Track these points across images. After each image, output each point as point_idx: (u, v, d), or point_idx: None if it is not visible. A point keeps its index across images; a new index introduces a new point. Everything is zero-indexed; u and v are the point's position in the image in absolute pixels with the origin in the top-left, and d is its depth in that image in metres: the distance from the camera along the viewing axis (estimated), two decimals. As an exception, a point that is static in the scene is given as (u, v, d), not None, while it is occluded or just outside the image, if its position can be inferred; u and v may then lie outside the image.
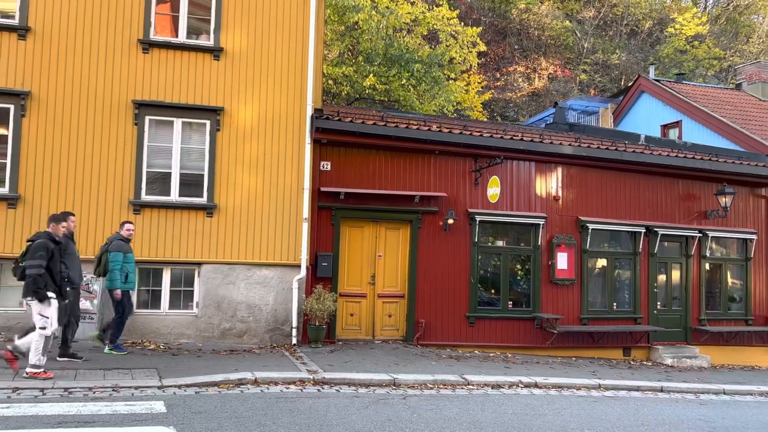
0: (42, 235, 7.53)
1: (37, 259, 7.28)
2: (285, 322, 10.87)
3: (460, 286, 12.18)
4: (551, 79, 30.65)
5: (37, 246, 7.35)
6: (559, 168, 13.14)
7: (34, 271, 7.26)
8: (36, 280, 7.26)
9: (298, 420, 6.38)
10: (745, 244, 14.51)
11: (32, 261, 7.28)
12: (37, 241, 7.41)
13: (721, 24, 35.51)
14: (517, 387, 9.06)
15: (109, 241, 9.20)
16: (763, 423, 8.22)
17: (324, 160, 11.46)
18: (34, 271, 7.26)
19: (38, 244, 7.37)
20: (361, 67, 19.66)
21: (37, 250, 7.33)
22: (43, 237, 7.49)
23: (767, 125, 18.32)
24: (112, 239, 9.22)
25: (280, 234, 10.93)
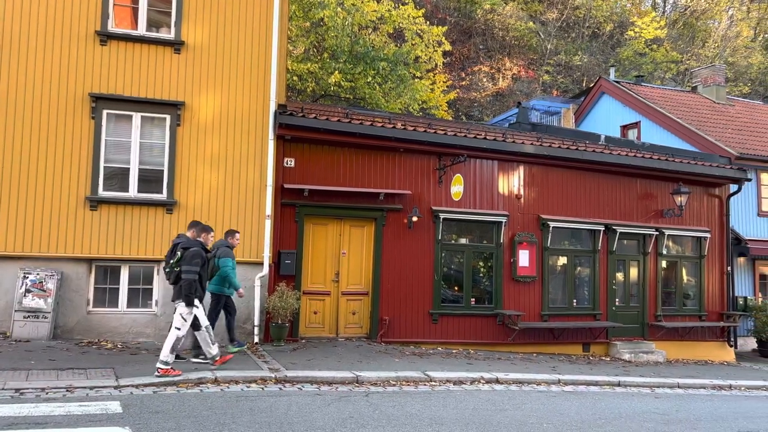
0: (196, 244, 8.04)
1: (193, 266, 7.79)
2: (247, 321, 10.74)
3: (423, 283, 12.24)
4: (515, 80, 31.05)
5: (195, 254, 7.85)
6: (522, 167, 13.32)
7: (190, 276, 7.76)
8: (190, 285, 7.76)
9: (258, 419, 6.31)
10: (699, 242, 14.96)
11: (189, 267, 7.78)
12: (193, 249, 7.90)
13: (678, 28, 36.51)
14: (479, 383, 9.14)
15: (215, 248, 9.07)
16: (714, 415, 8.49)
17: (288, 156, 11.37)
18: (190, 277, 7.76)
19: (195, 252, 7.88)
20: (327, 64, 19.57)
21: (194, 258, 7.83)
22: (197, 246, 8.00)
23: (721, 127, 18.93)
24: (218, 245, 9.16)
25: (242, 231, 10.76)
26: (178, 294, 7.86)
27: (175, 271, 7.88)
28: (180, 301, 7.80)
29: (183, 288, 7.76)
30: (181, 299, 7.79)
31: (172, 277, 7.94)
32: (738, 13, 38.00)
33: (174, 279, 7.91)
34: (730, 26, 36.78)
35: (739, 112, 21.11)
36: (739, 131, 19.01)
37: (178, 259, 7.88)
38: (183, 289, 7.75)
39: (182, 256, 7.87)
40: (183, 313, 7.81)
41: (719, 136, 17.79)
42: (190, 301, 7.77)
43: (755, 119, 20.74)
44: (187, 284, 7.74)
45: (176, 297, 7.91)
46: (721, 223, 15.25)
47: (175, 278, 7.89)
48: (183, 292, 7.75)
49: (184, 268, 7.79)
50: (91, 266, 10.25)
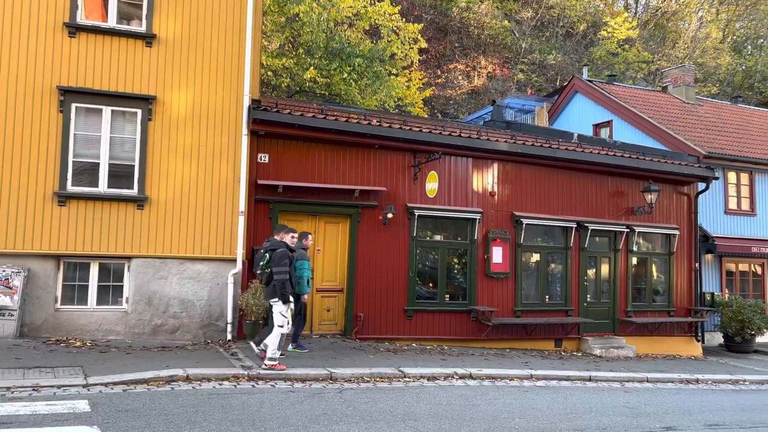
0: (281, 245, 8.53)
1: (283, 266, 8.29)
2: (220, 318, 10.64)
3: (398, 280, 12.25)
4: (490, 78, 31.26)
5: (282, 255, 8.35)
6: (496, 164, 13.41)
7: (282, 276, 8.26)
8: (284, 285, 8.26)
9: (230, 416, 6.26)
10: (668, 239, 15.25)
11: (280, 268, 8.28)
12: (280, 250, 8.38)
13: (650, 29, 37.13)
14: (453, 378, 9.20)
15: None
16: (681, 408, 8.67)
17: (262, 152, 11.27)
18: (282, 277, 8.26)
19: (282, 253, 8.36)
20: (302, 60, 19.45)
21: (282, 259, 8.32)
22: (282, 247, 8.50)
23: (690, 126, 19.32)
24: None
25: (215, 227, 10.67)
26: (271, 293, 8.43)
27: (266, 273, 8.45)
28: (276, 300, 8.36)
29: (277, 287, 8.29)
30: (275, 298, 8.36)
31: (264, 278, 8.54)
32: (707, 14, 38.80)
33: (266, 280, 8.49)
34: (700, 28, 37.53)
35: (708, 111, 21.57)
36: (707, 131, 19.42)
37: (268, 260, 8.44)
38: (277, 289, 8.29)
39: (271, 258, 8.42)
40: (281, 311, 8.39)
41: (688, 136, 18.15)
42: (285, 299, 8.32)
43: (723, 119, 21.22)
44: (280, 284, 8.27)
45: (270, 296, 8.50)
46: (690, 221, 15.57)
47: (267, 279, 8.45)
48: (278, 291, 8.29)
49: (274, 269, 8.31)
50: (59, 263, 10.04)
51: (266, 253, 8.53)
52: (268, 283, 8.47)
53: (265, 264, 8.49)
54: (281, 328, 8.38)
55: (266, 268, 8.45)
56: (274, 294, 8.39)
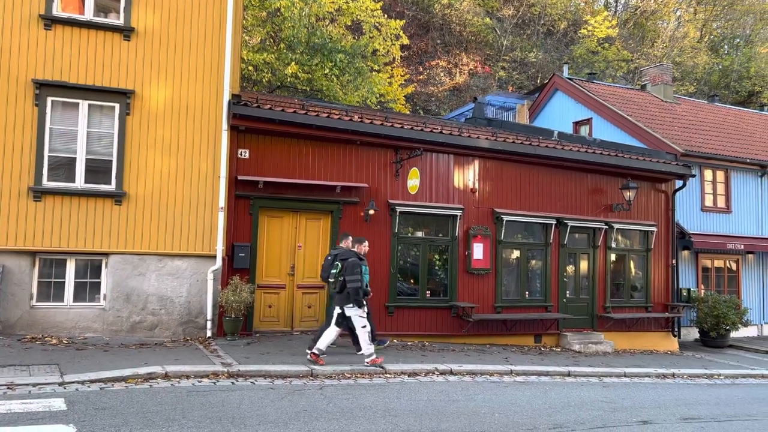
0: (352, 254, 9.23)
1: (356, 275, 8.93)
2: (199, 315, 10.55)
3: (380, 276, 12.25)
4: (472, 75, 31.36)
5: (355, 264, 9.00)
6: (477, 161, 13.47)
7: (355, 284, 8.91)
8: (357, 291, 8.91)
9: (209, 413, 6.21)
10: (646, 236, 15.45)
11: (353, 276, 8.90)
12: (351, 260, 9.05)
13: (629, 28, 37.52)
14: (433, 374, 9.23)
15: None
16: (658, 402, 8.81)
17: (242, 147, 11.18)
18: (355, 285, 8.90)
19: (355, 262, 9.04)
20: (283, 55, 19.32)
21: (355, 267, 8.97)
22: (353, 256, 9.17)
23: (668, 124, 19.57)
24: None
25: (194, 223, 10.57)
26: (345, 299, 9.00)
27: (339, 281, 9.04)
28: (350, 305, 8.98)
29: (351, 294, 8.92)
30: (349, 303, 8.97)
31: (338, 287, 9.11)
32: (685, 14, 39.31)
33: (340, 288, 9.06)
34: (678, 27, 38.02)
35: (685, 110, 21.87)
36: (684, 129, 19.69)
37: (340, 269, 9.10)
38: (351, 295, 8.92)
39: (343, 266, 9.05)
40: (359, 314, 9.07)
41: (666, 134, 18.39)
42: (360, 303, 9.01)
43: (700, 117, 21.53)
44: (354, 291, 8.91)
45: (343, 302, 9.04)
46: (667, 218, 15.79)
47: (341, 287, 9.02)
48: (352, 297, 8.92)
49: (348, 278, 8.91)
50: (34, 259, 9.88)
51: (337, 262, 9.20)
52: (342, 290, 9.05)
53: (338, 273, 9.15)
54: (364, 328, 9.12)
55: (339, 277, 9.08)
56: (347, 300, 8.97)
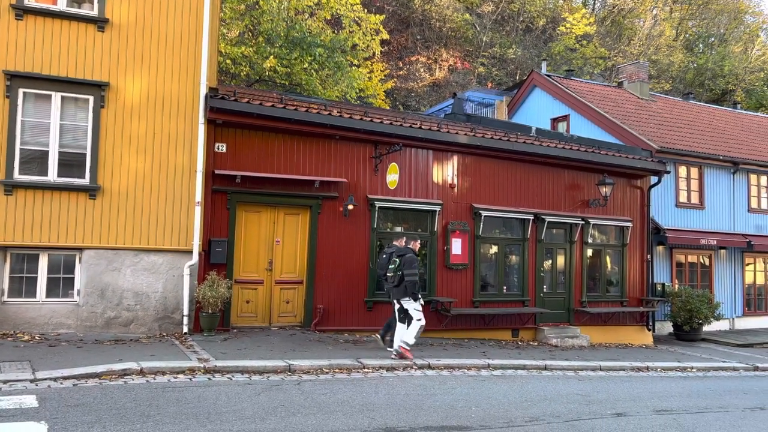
0: (408, 251, 9.78)
1: (414, 269, 9.50)
2: (175, 310, 10.44)
3: (359, 271, 12.24)
4: (451, 71, 31.43)
5: (412, 259, 9.59)
6: (456, 157, 13.51)
7: (414, 278, 9.46)
8: (415, 285, 9.46)
9: (185, 409, 6.16)
10: (622, 231, 15.65)
11: (411, 270, 9.46)
12: (409, 255, 9.62)
13: (607, 25, 37.91)
14: (411, 369, 9.25)
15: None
16: (632, 395, 8.94)
17: (219, 141, 11.07)
18: (413, 279, 9.46)
19: (412, 258, 9.61)
20: (262, 48, 19.16)
21: (413, 262, 9.56)
22: (410, 252, 9.75)
23: (644, 121, 19.84)
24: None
25: (170, 218, 10.45)
26: (402, 293, 9.53)
27: (397, 275, 9.54)
28: (407, 299, 9.51)
29: (408, 288, 9.45)
30: (407, 297, 9.50)
31: (396, 281, 9.59)
32: (661, 13, 39.84)
33: (398, 282, 9.55)
34: (654, 25, 38.52)
35: (661, 107, 22.18)
36: (660, 126, 19.98)
37: (398, 265, 9.57)
38: (409, 289, 9.45)
39: (401, 262, 9.55)
40: (416, 308, 9.54)
41: (642, 131, 18.64)
42: (416, 297, 9.53)
43: (675, 115, 21.86)
44: (412, 284, 9.46)
45: (401, 296, 9.57)
46: (643, 213, 16.01)
47: (399, 281, 9.53)
48: (409, 290, 9.45)
49: (406, 272, 9.45)
50: (5, 254, 9.68)
51: (396, 258, 9.69)
52: (399, 284, 9.54)
53: (396, 268, 9.61)
54: (420, 321, 9.51)
55: (398, 271, 9.58)
56: (405, 293, 9.52)
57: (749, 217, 20.25)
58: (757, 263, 20.72)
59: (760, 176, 20.63)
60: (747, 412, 8.39)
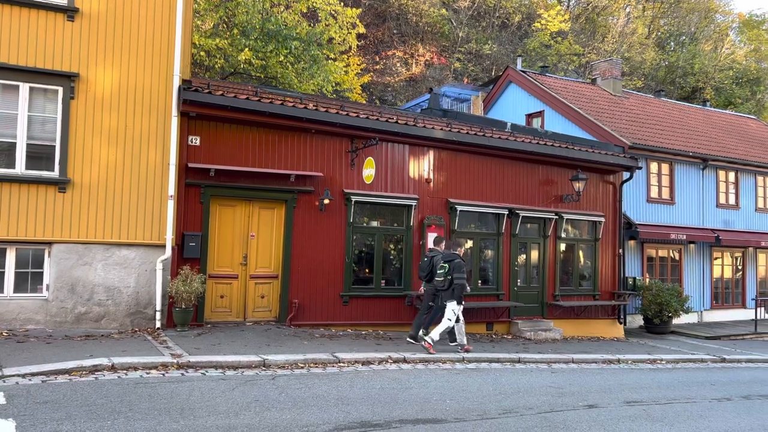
0: (456, 256, 10.33)
1: (462, 274, 10.14)
2: (148, 305, 10.30)
3: (334, 265, 12.22)
4: (428, 66, 31.48)
5: (460, 264, 10.19)
6: (432, 151, 13.55)
7: (462, 281, 10.10)
8: (462, 288, 10.15)
9: (157, 405, 6.09)
10: (594, 226, 15.88)
11: (460, 275, 10.10)
12: (457, 260, 10.21)
13: (581, 22, 38.32)
14: (387, 363, 9.28)
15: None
16: (603, 387, 9.10)
17: (193, 134, 10.92)
18: (461, 282, 10.10)
19: (460, 263, 10.21)
20: (237, 41, 18.93)
21: (461, 267, 10.17)
22: (458, 258, 10.30)
23: (617, 118, 20.13)
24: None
25: (142, 212, 10.29)
26: (450, 295, 10.18)
27: (447, 279, 10.17)
28: (452, 300, 10.12)
29: (456, 290, 10.10)
30: (452, 299, 10.12)
31: (446, 284, 10.20)
32: (634, 10, 40.40)
33: (447, 285, 10.19)
34: (627, 23, 39.05)
35: (633, 104, 22.53)
36: (632, 122, 20.29)
37: (447, 269, 10.17)
38: (456, 291, 10.10)
39: (450, 267, 10.15)
40: (454, 309, 10.17)
41: (615, 127, 18.91)
42: (460, 300, 10.18)
43: (647, 111, 22.22)
44: (459, 287, 10.10)
45: (449, 298, 10.19)
46: (615, 209, 16.26)
47: (449, 284, 10.17)
48: (456, 293, 10.10)
49: (455, 276, 10.08)
50: (-29, 249, 9.44)
51: (444, 263, 10.24)
52: (448, 287, 10.17)
53: (445, 272, 10.20)
54: (449, 321, 10.16)
55: (447, 275, 10.18)
56: (452, 296, 10.13)
57: (717, 213, 20.72)
58: (724, 257, 21.23)
59: (728, 172, 21.11)
60: (714, 402, 8.60)
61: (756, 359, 13.78)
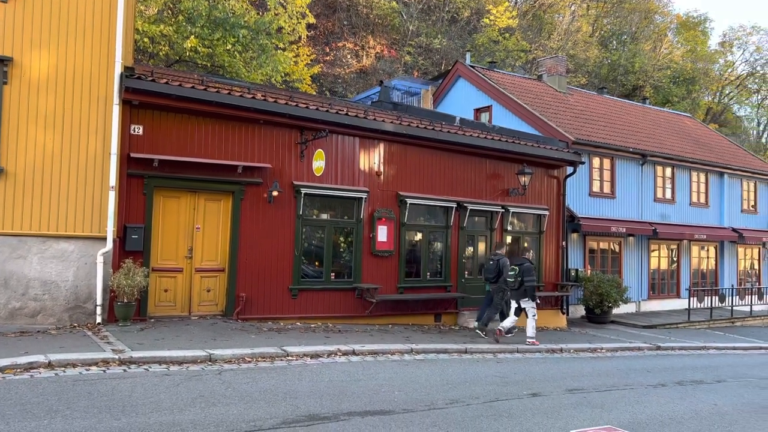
0: (526, 261, 12.05)
1: (532, 276, 11.93)
2: (88, 300, 9.94)
3: (283, 258, 12.10)
4: (378, 58, 31.46)
5: (530, 268, 11.90)
6: (382, 144, 13.56)
7: (532, 284, 11.90)
8: (534, 289, 11.97)
9: (98, 403, 5.89)
10: (539, 219, 16.27)
11: (530, 277, 11.80)
12: (527, 264, 11.90)
13: (528, 19, 39.05)
14: (336, 355, 9.27)
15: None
16: (546, 376, 9.36)
17: (135, 123, 10.57)
18: (533, 284, 11.92)
19: (530, 267, 11.92)
20: (182, 28, 18.42)
21: (531, 270, 11.90)
22: (527, 262, 11.97)
23: (562, 114, 20.65)
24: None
25: (82, 203, 9.91)
26: (522, 295, 11.85)
27: (518, 281, 11.76)
28: (527, 299, 11.84)
29: (528, 291, 11.78)
30: (525, 298, 11.85)
31: (516, 285, 11.82)
32: (579, 9, 41.46)
33: (518, 286, 11.80)
34: (573, 21, 40.05)
35: (577, 101, 23.16)
36: (576, 118, 20.86)
37: (518, 272, 11.77)
38: (528, 292, 11.79)
39: (520, 270, 11.77)
40: (532, 306, 11.93)
41: (559, 122, 19.40)
42: (534, 298, 11.95)
43: (590, 108, 22.89)
44: (531, 288, 11.81)
45: (520, 297, 11.91)
46: (559, 202, 16.70)
47: (519, 285, 11.78)
48: (529, 293, 11.81)
49: (525, 279, 11.70)
50: None
51: (514, 266, 11.95)
52: (519, 287, 11.79)
53: (516, 274, 11.80)
54: (534, 317, 11.95)
55: (518, 277, 11.76)
56: (524, 295, 11.83)
57: (655, 207, 21.58)
58: (661, 250, 22.15)
59: (665, 168, 22.00)
60: (650, 388, 8.98)
61: (688, 347, 14.47)
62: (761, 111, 47.69)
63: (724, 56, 46.62)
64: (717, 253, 23.92)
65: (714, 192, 23.68)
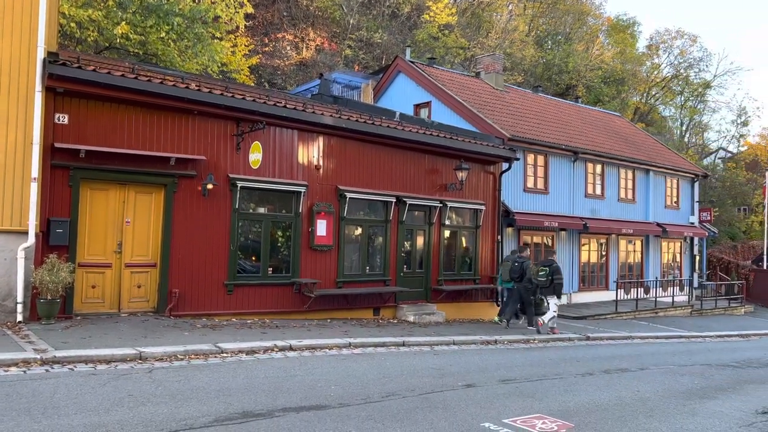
0: (551, 262, 13.87)
1: (561, 275, 13.67)
2: (8, 297, 9.41)
3: (218, 253, 11.84)
4: (318, 51, 31.18)
5: (558, 268, 13.70)
6: (321, 138, 13.46)
7: (561, 282, 13.68)
8: (561, 286, 13.72)
9: (17, 405, 5.60)
10: (476, 214, 16.59)
11: (560, 276, 13.55)
12: (555, 265, 13.72)
13: (467, 17, 39.62)
14: (272, 351, 9.16)
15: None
16: (481, 367, 9.57)
17: (60, 112, 10.07)
18: (561, 282, 13.68)
19: (558, 267, 13.70)
20: (112, 13, 17.63)
21: (559, 270, 13.64)
22: (555, 263, 13.81)
23: (498, 111, 21.09)
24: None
25: (1, 195, 9.36)
26: (551, 291, 13.55)
27: (548, 279, 13.40)
28: (553, 295, 13.63)
29: (557, 288, 13.56)
30: (552, 294, 13.61)
31: (547, 283, 13.42)
32: (516, 9, 42.39)
33: (548, 283, 13.41)
34: (510, 20, 40.92)
35: (513, 98, 23.71)
36: (512, 116, 21.36)
37: (547, 272, 13.46)
38: (557, 289, 13.57)
39: (550, 270, 13.49)
40: (556, 302, 13.84)
41: (496, 119, 19.81)
42: (560, 295, 13.88)
43: (525, 106, 23.49)
44: (560, 286, 13.64)
45: (549, 293, 13.59)
46: (494, 197, 17.08)
47: (549, 283, 13.40)
48: (557, 291, 13.62)
49: (555, 277, 13.43)
50: None
51: (543, 267, 13.68)
52: (549, 285, 13.40)
53: (546, 274, 13.46)
54: (555, 312, 13.88)
55: (548, 276, 13.42)
56: (552, 292, 13.54)
57: (586, 202, 22.40)
58: (591, 243, 23.03)
59: (596, 165, 22.86)
60: (578, 377, 9.33)
61: (615, 336, 15.13)
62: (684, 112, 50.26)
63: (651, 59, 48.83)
64: (643, 247, 25.09)
65: (641, 188, 24.80)
